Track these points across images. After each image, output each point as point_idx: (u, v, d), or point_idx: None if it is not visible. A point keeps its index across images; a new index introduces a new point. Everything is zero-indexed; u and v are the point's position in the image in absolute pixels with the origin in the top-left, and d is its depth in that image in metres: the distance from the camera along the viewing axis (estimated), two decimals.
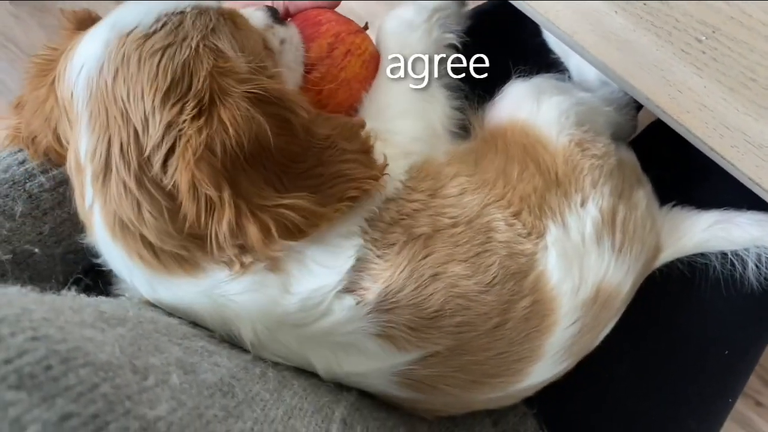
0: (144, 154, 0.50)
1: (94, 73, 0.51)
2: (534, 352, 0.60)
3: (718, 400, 0.75)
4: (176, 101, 0.50)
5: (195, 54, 0.51)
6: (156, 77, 0.50)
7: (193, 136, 0.48)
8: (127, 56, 0.51)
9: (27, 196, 0.58)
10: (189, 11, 0.53)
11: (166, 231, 0.51)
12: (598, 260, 0.62)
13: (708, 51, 0.54)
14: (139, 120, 0.50)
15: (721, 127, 0.56)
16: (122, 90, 0.50)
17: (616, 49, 0.57)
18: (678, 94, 0.56)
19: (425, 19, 0.70)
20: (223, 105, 0.50)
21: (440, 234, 0.58)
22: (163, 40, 0.51)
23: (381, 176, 0.56)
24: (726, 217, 0.71)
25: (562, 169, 0.63)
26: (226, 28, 0.54)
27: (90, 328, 0.39)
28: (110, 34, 0.52)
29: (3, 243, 0.55)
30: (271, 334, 0.55)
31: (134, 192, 0.50)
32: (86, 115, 0.51)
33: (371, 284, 0.55)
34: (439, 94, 0.69)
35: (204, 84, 0.50)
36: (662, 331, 0.74)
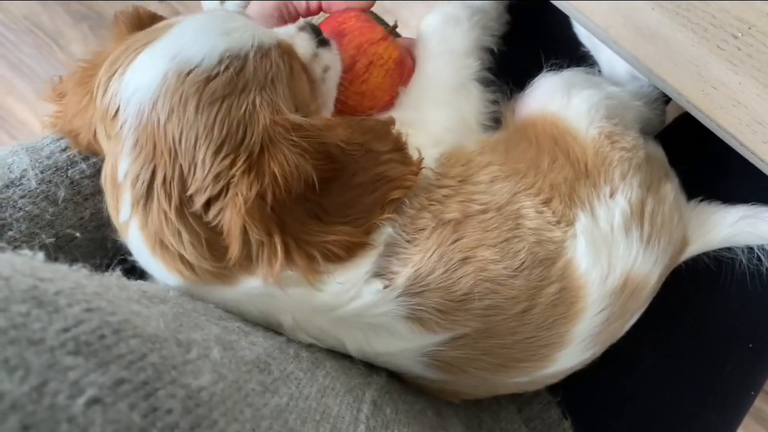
0: (187, 192, 0.51)
1: (147, 104, 0.51)
2: (561, 338, 0.61)
3: (740, 393, 0.76)
4: (227, 154, 0.50)
5: (252, 109, 0.51)
6: (212, 130, 0.50)
7: (244, 187, 0.50)
8: (185, 98, 0.51)
9: (69, 182, 0.59)
10: (252, 55, 0.53)
11: (204, 256, 0.52)
12: (627, 250, 0.63)
13: (744, 47, 0.54)
14: (187, 163, 0.51)
15: (754, 123, 0.56)
16: (175, 130, 0.51)
17: (651, 44, 0.57)
18: (712, 90, 0.56)
19: (468, 17, 0.71)
20: (272, 157, 0.50)
21: (470, 219, 0.59)
22: (223, 88, 0.51)
23: (419, 171, 0.57)
24: (753, 212, 0.72)
25: (591, 160, 0.64)
26: (284, 75, 0.55)
27: (136, 303, 0.41)
28: (169, 65, 0.51)
29: (46, 227, 0.57)
30: (306, 319, 0.56)
31: (174, 222, 0.51)
32: (131, 140, 0.52)
33: (400, 268, 0.56)
34: (474, 88, 0.70)
35: (257, 138, 0.51)
36: (687, 324, 0.75)
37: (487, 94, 0.70)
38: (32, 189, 0.57)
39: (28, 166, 0.58)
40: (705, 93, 0.57)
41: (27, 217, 0.56)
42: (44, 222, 0.57)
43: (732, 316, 0.75)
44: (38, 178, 0.58)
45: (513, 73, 0.73)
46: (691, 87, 0.57)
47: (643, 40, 0.58)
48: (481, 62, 0.71)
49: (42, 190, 0.57)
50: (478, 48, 0.72)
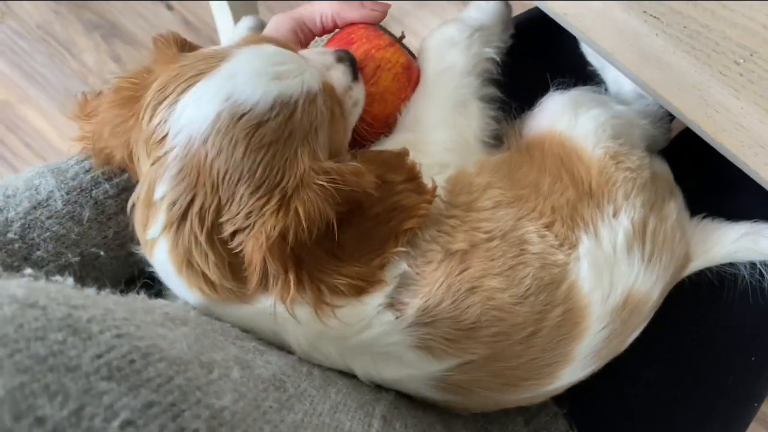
0: (219, 219, 0.54)
1: (197, 139, 0.53)
2: (565, 357, 0.63)
3: (743, 404, 0.78)
4: (263, 195, 0.53)
5: (293, 156, 0.54)
6: (254, 173, 0.53)
7: (269, 223, 0.53)
8: (235, 141, 0.53)
9: (93, 203, 0.61)
10: (301, 102, 0.56)
11: (227, 277, 0.55)
12: (628, 269, 0.64)
13: (746, 73, 0.56)
14: (226, 197, 0.53)
15: (756, 146, 0.58)
16: (221, 167, 0.53)
17: (655, 68, 0.59)
18: (715, 114, 0.58)
19: (466, 36, 0.72)
20: (299, 197, 0.53)
21: (476, 249, 0.60)
22: (272, 134, 0.54)
23: (432, 199, 0.59)
24: (755, 230, 0.73)
25: (596, 180, 0.66)
26: (326, 121, 0.58)
27: (161, 326, 0.43)
28: (223, 106, 0.54)
29: (72, 246, 0.59)
30: (311, 345, 0.58)
31: (203, 245, 0.54)
32: (176, 167, 0.54)
33: (411, 299, 0.58)
34: (474, 106, 0.71)
35: (292, 183, 0.54)
36: (691, 337, 0.77)
37: (488, 111, 0.72)
38: (58, 210, 0.59)
39: (54, 188, 0.60)
40: (708, 116, 0.59)
41: (53, 237, 0.58)
42: (70, 241, 0.59)
43: (734, 330, 0.76)
44: (64, 199, 0.60)
45: (520, 91, 0.74)
46: (694, 110, 0.59)
47: (647, 64, 0.59)
48: (482, 80, 0.72)
49: (68, 210, 0.59)
50: (479, 66, 0.73)
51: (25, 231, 0.57)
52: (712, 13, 0.56)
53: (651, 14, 0.57)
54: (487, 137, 0.72)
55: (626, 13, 0.58)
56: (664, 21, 0.57)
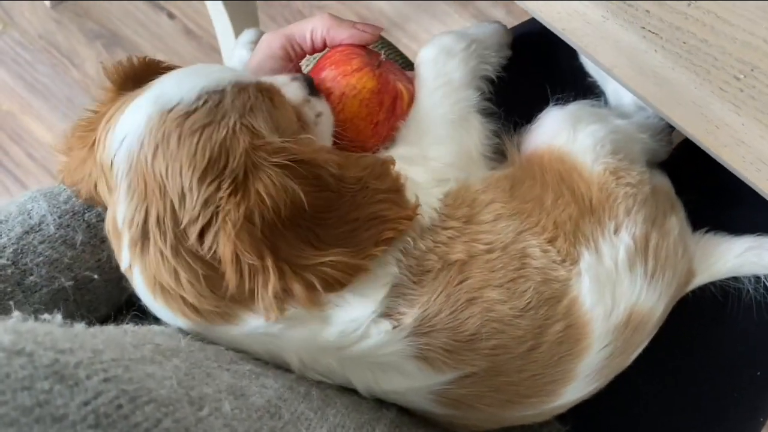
0: (180, 225, 0.52)
1: (135, 147, 0.53)
2: (566, 375, 0.62)
3: (749, 419, 0.77)
4: (213, 179, 0.52)
5: (232, 134, 0.53)
6: (194, 156, 0.52)
7: (231, 210, 0.51)
8: (167, 134, 0.53)
9: (86, 226, 0.61)
10: (229, 89, 0.55)
11: (204, 295, 0.53)
12: (631, 286, 0.63)
13: (746, 89, 0.55)
14: (176, 195, 0.52)
15: (758, 162, 0.57)
16: (161, 166, 0.52)
17: (654, 84, 0.58)
18: (716, 130, 0.57)
19: (464, 48, 0.71)
20: (257, 178, 0.52)
21: (475, 260, 0.60)
22: (202, 119, 0.53)
23: (414, 216, 0.58)
24: (759, 243, 0.72)
25: (596, 196, 0.65)
26: (264, 105, 0.56)
27: (150, 363, 0.42)
28: (152, 108, 0.54)
29: (65, 270, 0.59)
30: (313, 359, 0.57)
31: (171, 261, 0.52)
32: (125, 185, 0.53)
33: (408, 309, 0.57)
34: (474, 120, 0.70)
35: (239, 161, 0.52)
36: (694, 352, 0.76)
37: (488, 124, 0.71)
38: (51, 234, 0.59)
39: (47, 212, 0.59)
40: (709, 132, 0.58)
41: (47, 261, 0.58)
42: (63, 265, 0.58)
43: (738, 344, 0.76)
44: (56, 223, 0.59)
45: (519, 104, 0.73)
46: (695, 125, 0.58)
47: (647, 80, 0.58)
48: (480, 93, 0.71)
49: (60, 234, 0.59)
50: (477, 78, 0.72)
51: (18, 256, 0.57)
52: (711, 28, 0.55)
53: (650, 30, 0.57)
54: (488, 151, 0.71)
55: (624, 28, 0.57)
56: (663, 37, 0.56)
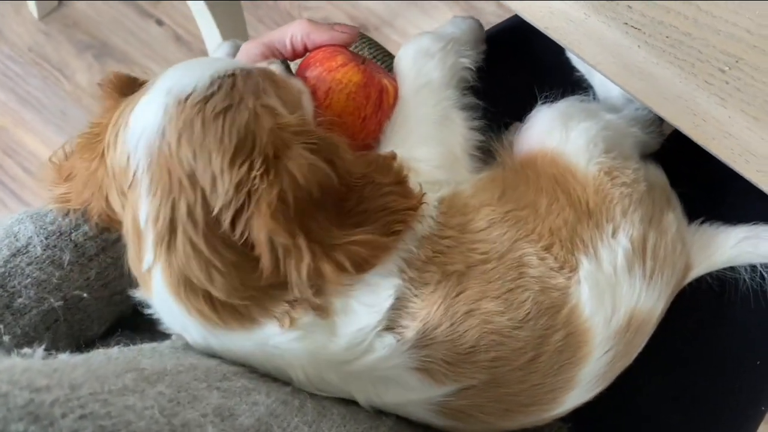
0: (212, 213, 0.51)
1: (155, 138, 0.52)
2: (568, 383, 0.62)
3: (750, 410, 0.76)
4: (244, 160, 0.51)
5: (255, 115, 0.53)
6: (222, 140, 0.51)
7: (265, 191, 0.50)
8: (189, 120, 0.52)
9: (73, 245, 0.60)
10: (239, 73, 0.55)
11: (234, 286, 0.52)
12: (630, 289, 0.63)
13: (731, 81, 0.55)
14: (207, 181, 0.51)
15: (746, 153, 0.56)
16: (187, 153, 0.51)
17: (640, 80, 0.57)
18: (703, 123, 0.57)
19: (441, 48, 0.70)
20: (288, 158, 0.51)
21: (472, 270, 0.59)
22: (222, 101, 0.53)
23: (420, 205, 0.58)
24: (754, 233, 0.72)
25: (593, 199, 0.64)
26: (270, 86, 0.56)
27: (131, 393, 0.41)
28: (167, 99, 0.53)
29: (54, 291, 0.58)
30: (318, 374, 0.57)
31: (203, 250, 0.51)
32: (146, 181, 0.52)
33: (410, 322, 0.57)
34: (457, 118, 0.69)
35: (268, 141, 0.52)
36: (693, 344, 0.75)
37: (471, 121, 0.70)
38: (38, 255, 0.58)
39: (33, 233, 0.59)
40: (696, 125, 0.57)
41: (35, 283, 0.57)
42: (52, 286, 0.58)
43: (738, 334, 0.75)
44: (43, 244, 0.59)
45: (507, 103, 0.73)
46: (682, 119, 0.58)
47: (632, 76, 0.58)
48: (460, 91, 0.70)
49: (48, 255, 0.59)
50: (457, 76, 0.71)
51: (6, 279, 0.56)
52: (694, 21, 0.55)
53: (632, 26, 0.56)
54: (473, 149, 0.70)
55: (607, 25, 0.57)
56: (646, 32, 0.56)
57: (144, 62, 1.73)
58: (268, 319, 0.54)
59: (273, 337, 0.54)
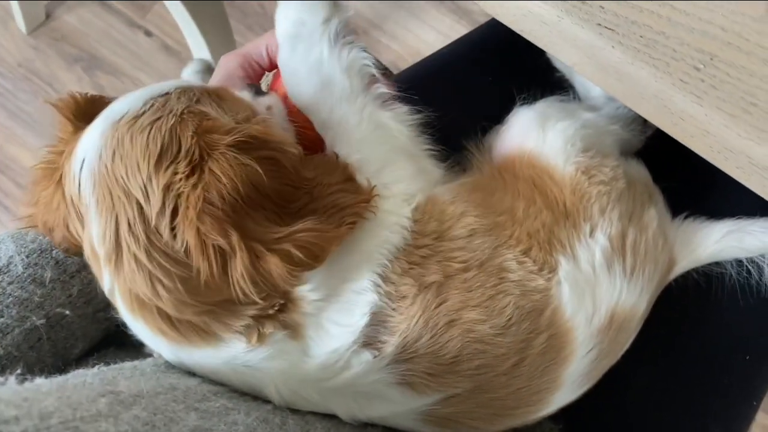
0: (150, 224, 0.51)
1: (94, 161, 0.53)
2: (553, 383, 0.62)
3: (741, 405, 0.76)
4: (169, 164, 0.52)
5: (180, 120, 0.53)
6: (147, 147, 0.52)
7: (189, 192, 0.50)
8: (120, 138, 0.53)
9: (54, 263, 0.60)
10: (173, 91, 0.56)
11: (181, 300, 0.52)
12: (610, 287, 0.63)
13: (707, 79, 0.54)
14: (139, 192, 0.52)
15: (724, 150, 0.56)
16: (120, 169, 0.52)
17: (617, 80, 0.57)
18: (681, 121, 0.57)
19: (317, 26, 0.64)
20: (212, 158, 0.51)
21: (452, 280, 0.58)
22: (150, 116, 0.54)
23: (371, 198, 0.57)
24: (738, 227, 0.72)
25: (569, 199, 0.64)
26: (210, 99, 0.57)
27: (104, 419, 0.41)
28: (105, 124, 0.54)
29: (36, 309, 0.58)
30: (293, 392, 0.57)
31: (146, 265, 0.51)
32: (93, 203, 0.53)
33: (388, 337, 0.56)
34: (386, 118, 0.65)
35: (192, 143, 0.52)
36: (682, 341, 0.75)
37: (402, 114, 0.66)
38: (19, 274, 0.59)
39: (14, 252, 0.59)
40: (674, 123, 0.57)
41: (16, 302, 0.57)
42: (34, 304, 0.58)
43: (726, 329, 0.75)
44: (24, 263, 0.59)
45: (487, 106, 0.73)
46: (660, 118, 0.58)
47: (608, 76, 0.58)
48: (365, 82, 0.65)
49: (29, 273, 0.59)
50: (356, 67, 0.65)
51: None
52: (667, 20, 0.55)
53: (606, 26, 0.56)
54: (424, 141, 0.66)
55: (580, 26, 0.56)
56: (620, 32, 0.56)
57: (133, 73, 1.73)
58: (232, 335, 0.54)
59: (242, 354, 0.54)
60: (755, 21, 0.53)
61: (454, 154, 0.70)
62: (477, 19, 1.72)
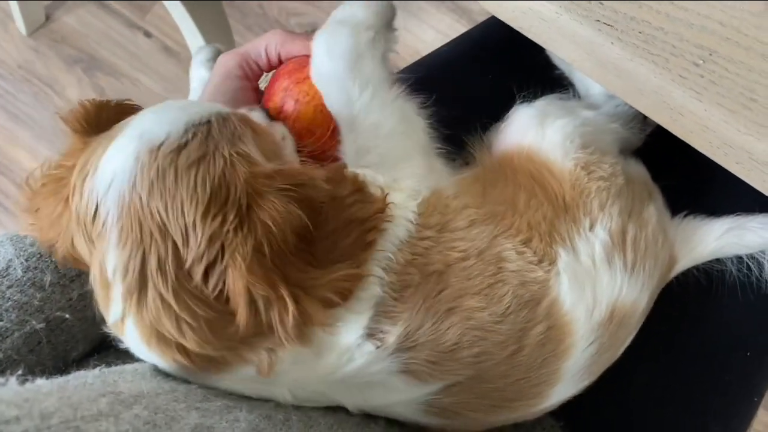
0: (184, 266, 0.50)
1: (125, 187, 0.50)
2: (552, 376, 0.62)
3: (742, 401, 0.76)
4: (217, 213, 0.50)
5: (230, 164, 0.51)
6: (195, 191, 0.50)
7: (239, 244, 0.49)
8: (162, 170, 0.50)
9: (54, 266, 0.60)
10: (214, 120, 0.54)
11: (206, 340, 0.51)
12: (611, 281, 0.63)
13: (706, 74, 0.54)
14: (179, 234, 0.50)
15: (724, 146, 0.56)
16: (159, 204, 0.50)
17: (615, 76, 0.57)
18: (680, 117, 0.56)
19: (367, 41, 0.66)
20: (261, 207, 0.50)
21: (451, 268, 0.59)
22: (196, 151, 0.51)
23: (385, 207, 0.57)
24: (738, 223, 0.72)
25: (569, 194, 0.64)
26: (248, 133, 0.55)
27: (105, 419, 0.41)
28: (139, 146, 0.51)
29: (36, 313, 0.58)
30: (303, 390, 0.57)
31: (173, 305, 0.50)
32: (116, 231, 0.50)
33: (391, 327, 0.57)
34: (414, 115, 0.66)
35: (241, 191, 0.50)
36: (683, 338, 0.75)
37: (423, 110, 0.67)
38: (19, 278, 0.58)
39: (13, 256, 0.59)
40: (673, 119, 0.57)
41: (16, 306, 0.57)
42: (33, 308, 0.58)
43: (726, 326, 0.75)
44: (23, 266, 0.59)
45: (487, 104, 0.73)
46: (659, 114, 0.58)
47: (607, 73, 0.58)
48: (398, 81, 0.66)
49: (28, 277, 0.59)
50: (387, 63, 0.66)
51: None
52: (666, 16, 0.55)
53: (604, 22, 0.56)
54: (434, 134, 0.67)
55: (579, 23, 0.56)
56: (619, 28, 0.56)
57: (133, 74, 1.73)
58: (246, 364, 0.53)
59: (253, 375, 0.54)
60: (754, 16, 0.53)
61: (456, 151, 0.70)
62: (476, 18, 1.71)
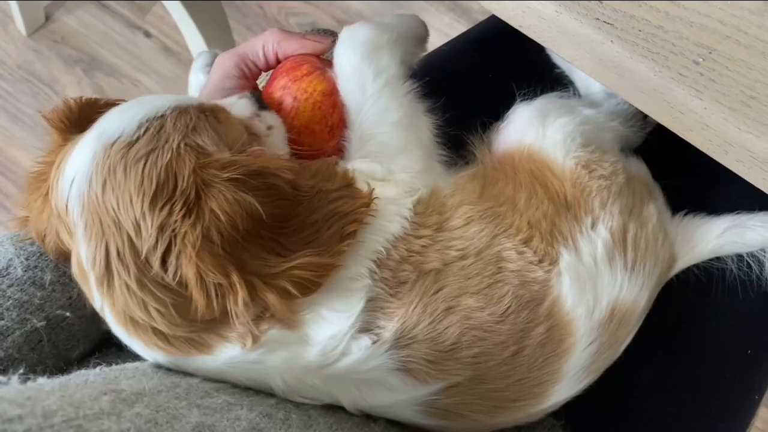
0: (141, 256, 0.52)
1: (84, 185, 0.53)
2: (553, 375, 0.62)
3: (743, 398, 0.76)
4: (164, 203, 0.51)
5: (177, 155, 0.53)
6: (141, 184, 0.52)
7: (188, 232, 0.50)
8: (113, 167, 0.53)
9: (54, 265, 0.60)
10: (169, 114, 0.55)
11: (175, 323, 0.53)
12: (611, 280, 0.63)
13: (706, 72, 0.54)
14: (130, 226, 0.52)
15: (724, 144, 0.56)
16: (111, 200, 0.52)
17: (615, 75, 0.57)
18: (680, 115, 0.56)
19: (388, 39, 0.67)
20: (209, 196, 0.51)
21: (450, 267, 0.59)
22: (146, 146, 0.53)
23: (370, 202, 0.57)
24: (738, 222, 0.72)
25: (570, 192, 0.64)
26: (207, 124, 0.56)
27: (107, 417, 0.41)
28: (96, 145, 0.54)
29: (36, 311, 0.58)
30: (298, 381, 0.57)
31: (137, 292, 0.52)
32: (82, 225, 0.53)
33: (387, 323, 0.57)
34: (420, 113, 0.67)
35: (188, 182, 0.52)
36: (684, 336, 0.75)
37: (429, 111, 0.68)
38: (19, 277, 0.59)
39: (13, 255, 0.59)
40: (673, 117, 0.57)
41: (16, 304, 0.57)
42: (34, 307, 0.58)
43: (727, 324, 0.75)
44: (24, 265, 0.59)
45: (488, 102, 0.73)
46: (659, 112, 0.58)
47: (607, 71, 0.58)
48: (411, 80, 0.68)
49: (29, 276, 0.59)
50: (405, 68, 0.68)
51: None
52: (666, 14, 0.55)
53: (604, 21, 0.56)
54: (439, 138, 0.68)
55: (579, 21, 0.56)
56: (618, 26, 0.56)
57: (133, 74, 1.73)
58: (228, 343, 0.54)
59: (241, 354, 0.54)
60: (753, 14, 0.53)
61: (456, 151, 0.70)
62: (476, 17, 1.71)
